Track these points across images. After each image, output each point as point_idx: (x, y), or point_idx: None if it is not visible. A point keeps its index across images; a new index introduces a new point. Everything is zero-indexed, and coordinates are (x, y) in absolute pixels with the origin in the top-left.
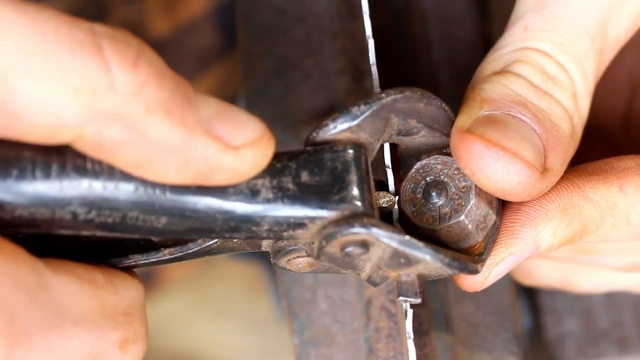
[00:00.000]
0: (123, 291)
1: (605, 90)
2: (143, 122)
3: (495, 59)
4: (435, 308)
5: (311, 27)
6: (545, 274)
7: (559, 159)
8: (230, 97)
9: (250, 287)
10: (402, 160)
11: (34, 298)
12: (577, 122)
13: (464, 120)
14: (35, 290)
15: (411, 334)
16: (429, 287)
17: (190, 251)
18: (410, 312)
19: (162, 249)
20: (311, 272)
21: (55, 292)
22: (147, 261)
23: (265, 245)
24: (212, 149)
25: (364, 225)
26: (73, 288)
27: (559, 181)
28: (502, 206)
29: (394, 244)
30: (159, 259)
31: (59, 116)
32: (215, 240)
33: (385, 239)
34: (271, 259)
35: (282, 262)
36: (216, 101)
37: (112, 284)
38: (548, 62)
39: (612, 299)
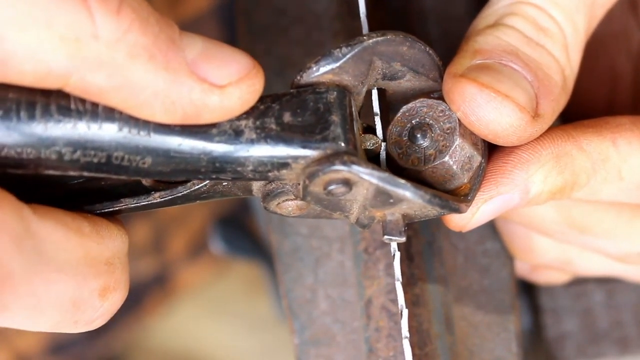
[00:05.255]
0: (108, 241)
1: (588, 81)
2: (127, 68)
3: (489, 14)
4: (435, 308)
5: (311, 27)
6: (545, 250)
7: (550, 107)
8: None
9: (251, 287)
10: (391, 107)
11: (19, 244)
12: (569, 74)
13: (456, 67)
14: (20, 237)
15: (407, 334)
16: (429, 287)
17: (180, 194)
18: (405, 312)
19: (153, 192)
20: (302, 216)
21: (41, 238)
22: (137, 204)
23: (256, 189)
24: (196, 90)
25: (344, 163)
26: (59, 235)
27: (554, 130)
28: (495, 150)
29: (375, 181)
30: (149, 202)
31: (44, 63)
32: (205, 183)
33: (366, 175)
34: (262, 203)
35: (272, 205)
36: (203, 39)
37: (97, 233)
38: (540, 14)
39: (612, 299)
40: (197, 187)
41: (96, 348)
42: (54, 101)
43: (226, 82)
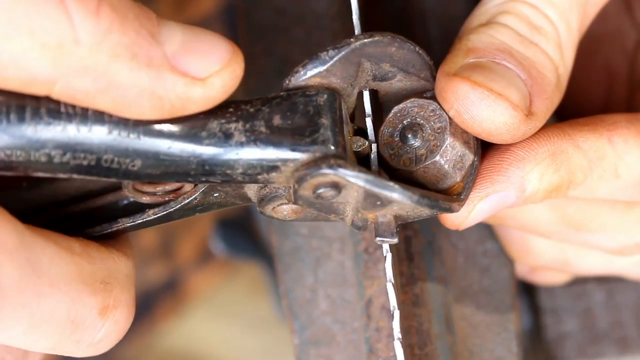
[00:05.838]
0: (99, 261)
1: (584, 80)
2: (111, 70)
3: (482, 12)
4: (435, 308)
5: (311, 27)
6: (543, 251)
7: (544, 105)
8: (231, 96)
9: (251, 287)
10: (384, 107)
11: (12, 256)
12: (563, 72)
13: (449, 66)
14: (14, 249)
15: (399, 335)
16: (429, 286)
17: (173, 209)
18: (397, 313)
19: (147, 210)
20: (298, 220)
21: (34, 252)
22: (134, 223)
23: (252, 195)
24: (179, 83)
25: (330, 166)
26: (50, 251)
27: (549, 128)
28: (490, 148)
29: (361, 183)
30: (144, 219)
31: (28, 71)
32: (195, 196)
33: (352, 178)
34: (258, 208)
35: (268, 210)
36: (182, 29)
37: (88, 254)
38: (533, 13)
39: (612, 299)
40: (188, 200)
41: (107, 355)
42: (44, 104)
43: (207, 74)
